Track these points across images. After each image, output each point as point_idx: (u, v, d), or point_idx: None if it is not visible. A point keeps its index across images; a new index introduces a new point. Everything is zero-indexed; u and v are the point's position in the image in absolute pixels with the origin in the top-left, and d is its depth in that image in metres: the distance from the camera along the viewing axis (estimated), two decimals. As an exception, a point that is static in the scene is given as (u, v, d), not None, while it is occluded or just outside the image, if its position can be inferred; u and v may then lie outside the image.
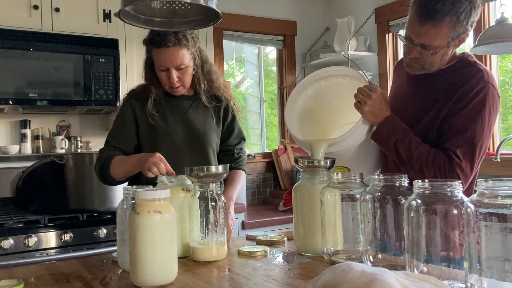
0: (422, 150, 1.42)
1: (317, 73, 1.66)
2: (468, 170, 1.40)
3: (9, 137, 2.94)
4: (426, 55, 1.43)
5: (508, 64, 3.06)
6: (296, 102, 1.67)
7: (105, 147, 1.79)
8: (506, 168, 2.62)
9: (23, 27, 2.62)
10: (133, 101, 1.81)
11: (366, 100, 1.46)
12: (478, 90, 1.41)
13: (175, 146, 1.76)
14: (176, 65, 1.70)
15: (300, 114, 1.67)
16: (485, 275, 0.86)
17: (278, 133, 4.01)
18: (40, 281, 1.18)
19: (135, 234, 1.11)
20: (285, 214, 3.18)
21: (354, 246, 1.24)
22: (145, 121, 1.78)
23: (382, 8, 3.49)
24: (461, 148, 1.39)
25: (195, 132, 1.79)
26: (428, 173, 1.41)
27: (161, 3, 1.42)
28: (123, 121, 1.80)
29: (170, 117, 1.78)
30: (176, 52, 1.69)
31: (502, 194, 0.83)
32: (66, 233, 2.38)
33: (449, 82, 1.47)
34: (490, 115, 1.41)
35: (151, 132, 1.77)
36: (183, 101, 1.82)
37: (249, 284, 1.10)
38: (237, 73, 4.20)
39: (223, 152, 1.90)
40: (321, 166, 1.39)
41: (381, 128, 1.47)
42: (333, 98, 1.67)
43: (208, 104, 1.83)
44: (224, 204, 1.35)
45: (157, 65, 1.73)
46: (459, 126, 1.41)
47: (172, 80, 1.71)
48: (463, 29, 1.39)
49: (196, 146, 1.79)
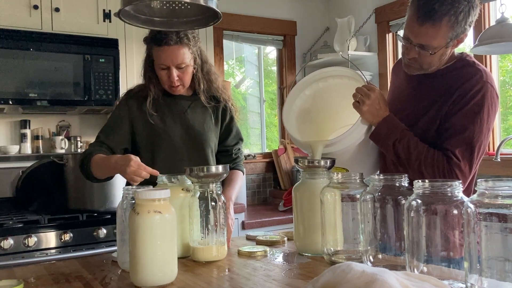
0: (421, 150, 1.42)
1: (315, 73, 1.65)
2: (467, 170, 1.40)
3: (9, 137, 2.93)
4: (425, 55, 1.43)
5: (508, 64, 3.06)
6: (294, 102, 1.67)
7: (93, 142, 1.77)
8: (506, 168, 2.62)
9: (23, 27, 2.62)
10: (131, 101, 1.80)
11: (364, 99, 1.45)
12: (477, 90, 1.41)
13: (173, 146, 1.76)
14: (177, 63, 1.70)
15: (299, 115, 1.67)
16: (485, 275, 0.86)
17: (278, 133, 4.01)
18: (40, 281, 1.18)
19: (135, 234, 1.11)
20: (285, 214, 3.18)
21: (354, 246, 1.23)
22: (142, 121, 1.77)
23: (382, 8, 3.49)
24: (460, 149, 1.39)
25: (193, 133, 1.79)
26: (426, 173, 1.41)
27: (161, 3, 1.42)
28: (117, 120, 1.78)
29: (169, 117, 1.78)
30: (177, 50, 1.69)
31: (502, 194, 0.83)
32: (66, 233, 2.38)
33: (448, 82, 1.47)
34: (489, 115, 1.41)
35: (149, 132, 1.77)
36: (182, 101, 1.82)
37: (249, 284, 1.10)
38: (237, 73, 4.20)
39: (221, 153, 1.90)
40: (321, 166, 1.39)
41: (379, 128, 1.47)
42: (331, 99, 1.67)
43: (206, 105, 1.83)
44: (224, 204, 1.35)
45: (157, 64, 1.72)
46: (458, 126, 1.41)
47: (172, 78, 1.71)
48: (461, 29, 1.39)
49: (194, 146, 1.79)
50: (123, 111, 1.79)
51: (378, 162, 1.65)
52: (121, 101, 1.83)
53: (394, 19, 3.41)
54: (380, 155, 1.63)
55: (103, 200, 2.59)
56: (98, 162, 1.64)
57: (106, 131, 1.78)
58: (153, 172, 1.47)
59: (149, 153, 1.76)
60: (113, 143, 1.75)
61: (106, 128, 1.79)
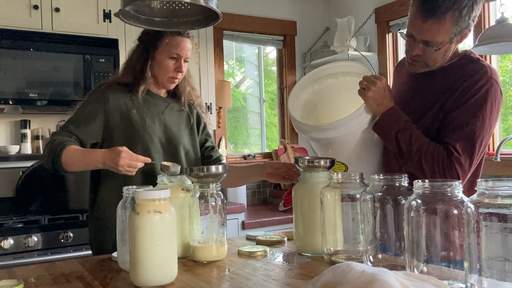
0: (422, 143, 1.40)
1: (326, 67, 1.64)
2: (467, 165, 1.38)
3: (9, 137, 2.94)
4: (429, 51, 1.42)
5: (508, 64, 3.06)
6: (301, 95, 1.66)
7: (60, 131, 1.66)
8: (506, 168, 2.62)
9: (23, 27, 2.62)
10: (109, 93, 1.71)
11: (370, 86, 1.44)
12: (481, 85, 1.39)
13: (151, 145, 1.71)
14: (187, 56, 1.75)
15: (304, 107, 1.66)
16: (485, 275, 0.86)
17: (278, 133, 4.01)
18: (40, 281, 1.18)
19: (135, 234, 1.11)
20: (285, 214, 3.18)
21: (354, 246, 1.23)
22: (119, 115, 1.70)
23: (382, 8, 3.49)
24: (461, 143, 1.38)
25: (170, 133, 1.77)
26: (426, 166, 1.39)
27: (161, 3, 1.42)
28: (91, 111, 1.68)
29: (148, 116, 1.74)
30: (189, 44, 1.75)
31: (502, 194, 0.83)
32: (66, 233, 2.38)
33: (452, 78, 1.45)
34: (492, 111, 1.40)
35: (126, 128, 1.70)
36: (160, 102, 1.80)
37: (249, 284, 1.10)
38: (237, 73, 4.20)
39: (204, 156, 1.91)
40: (321, 166, 1.39)
41: (383, 118, 1.45)
42: (339, 98, 1.65)
43: (184, 108, 1.85)
44: (224, 204, 1.35)
45: (169, 52, 1.71)
46: (460, 120, 1.39)
47: (180, 68, 1.73)
48: (465, 24, 1.38)
49: (170, 147, 1.76)
50: (98, 102, 1.69)
51: (381, 165, 1.62)
52: (98, 92, 1.74)
53: (394, 19, 3.41)
54: (383, 157, 1.61)
55: (103, 200, 2.59)
56: (73, 155, 1.54)
57: (76, 121, 1.67)
58: (146, 160, 1.47)
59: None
60: (83, 135, 1.64)
61: (76, 118, 1.68)
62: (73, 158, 1.54)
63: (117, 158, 1.44)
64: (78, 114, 1.70)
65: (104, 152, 1.51)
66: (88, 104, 1.71)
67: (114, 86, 1.75)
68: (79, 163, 1.55)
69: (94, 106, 1.69)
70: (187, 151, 1.82)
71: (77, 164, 1.56)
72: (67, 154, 1.54)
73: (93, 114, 1.67)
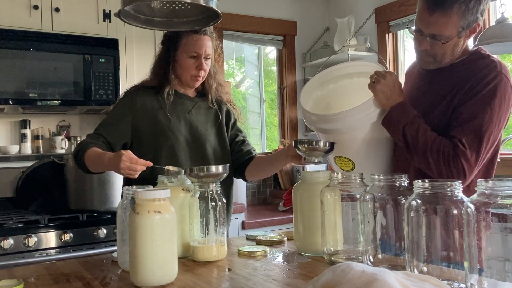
0: (429, 136, 1.39)
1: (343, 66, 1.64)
2: (473, 159, 1.35)
3: (9, 137, 2.94)
4: (437, 45, 1.41)
5: (508, 64, 3.06)
6: (315, 91, 1.65)
7: (90, 134, 1.76)
8: (506, 168, 2.62)
9: (23, 27, 2.62)
10: (136, 96, 1.78)
11: (380, 79, 1.44)
12: (490, 79, 1.38)
13: (177, 145, 1.75)
14: (207, 54, 1.75)
15: (317, 103, 1.65)
16: (485, 275, 0.86)
17: (278, 133, 4.01)
18: (40, 281, 1.18)
19: (135, 234, 1.11)
20: (285, 214, 3.18)
21: (354, 246, 1.23)
22: (147, 117, 1.76)
23: (382, 8, 3.49)
24: (468, 137, 1.35)
25: (196, 133, 1.80)
26: (431, 159, 1.38)
27: (161, 3, 1.42)
28: (120, 114, 1.77)
29: (174, 116, 1.78)
30: (208, 41, 1.76)
31: (502, 194, 0.83)
32: (66, 233, 2.38)
33: (462, 74, 1.44)
34: (501, 106, 1.37)
35: (153, 129, 1.76)
36: (187, 101, 1.83)
37: (249, 284, 1.10)
38: (237, 73, 4.20)
39: (235, 151, 1.91)
40: (320, 148, 1.38)
41: (392, 112, 1.44)
42: (354, 99, 1.64)
43: (212, 106, 1.85)
44: (224, 204, 1.35)
45: (188, 51, 1.73)
46: (467, 114, 1.37)
47: (201, 66, 1.74)
48: (473, 17, 1.37)
49: (196, 147, 1.79)
50: (127, 106, 1.78)
51: (390, 163, 1.60)
52: (126, 96, 1.81)
53: (394, 19, 3.41)
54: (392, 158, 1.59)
55: (103, 200, 2.59)
56: (92, 157, 1.63)
57: (106, 124, 1.76)
58: (147, 164, 1.48)
59: (152, 150, 1.74)
60: (112, 138, 1.73)
61: (106, 121, 1.78)
62: (89, 160, 1.64)
63: (118, 162, 1.46)
64: (107, 117, 1.80)
65: (109, 155, 1.57)
66: (117, 108, 1.80)
67: (141, 89, 1.81)
68: (94, 165, 1.64)
69: (122, 109, 1.78)
70: (214, 149, 1.83)
71: (93, 166, 1.65)
72: (86, 157, 1.64)
73: (121, 116, 1.76)
